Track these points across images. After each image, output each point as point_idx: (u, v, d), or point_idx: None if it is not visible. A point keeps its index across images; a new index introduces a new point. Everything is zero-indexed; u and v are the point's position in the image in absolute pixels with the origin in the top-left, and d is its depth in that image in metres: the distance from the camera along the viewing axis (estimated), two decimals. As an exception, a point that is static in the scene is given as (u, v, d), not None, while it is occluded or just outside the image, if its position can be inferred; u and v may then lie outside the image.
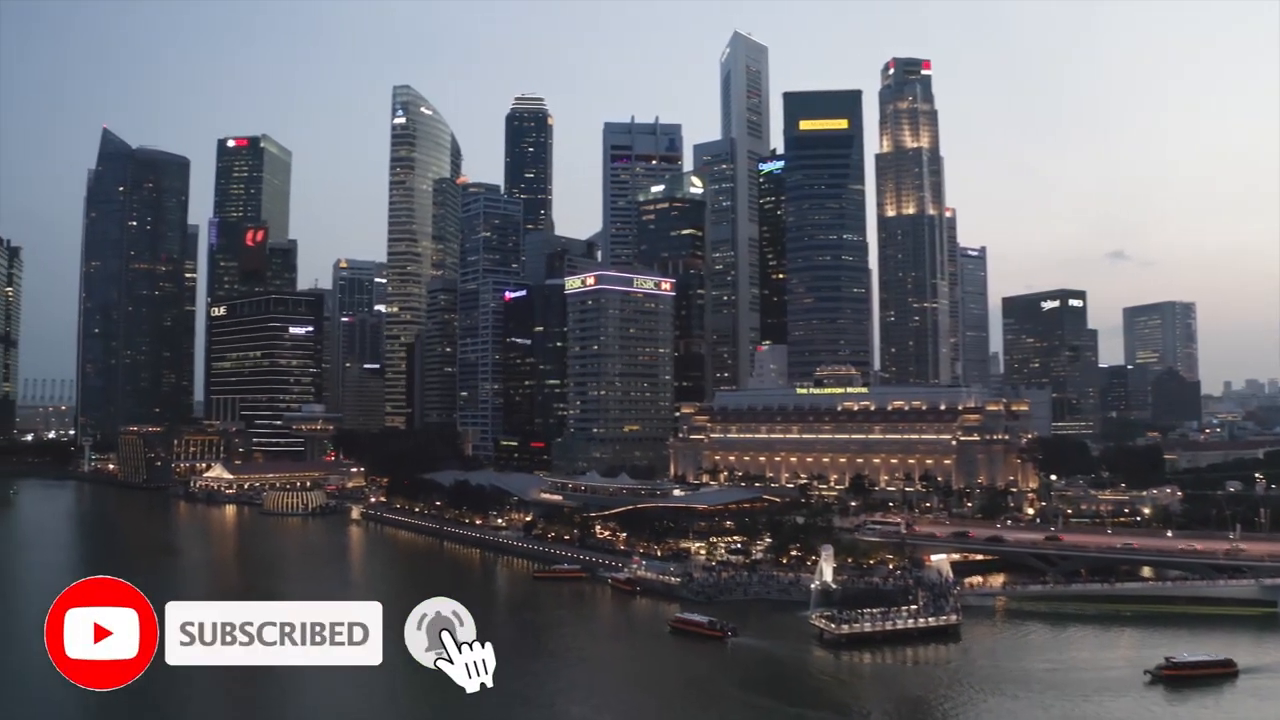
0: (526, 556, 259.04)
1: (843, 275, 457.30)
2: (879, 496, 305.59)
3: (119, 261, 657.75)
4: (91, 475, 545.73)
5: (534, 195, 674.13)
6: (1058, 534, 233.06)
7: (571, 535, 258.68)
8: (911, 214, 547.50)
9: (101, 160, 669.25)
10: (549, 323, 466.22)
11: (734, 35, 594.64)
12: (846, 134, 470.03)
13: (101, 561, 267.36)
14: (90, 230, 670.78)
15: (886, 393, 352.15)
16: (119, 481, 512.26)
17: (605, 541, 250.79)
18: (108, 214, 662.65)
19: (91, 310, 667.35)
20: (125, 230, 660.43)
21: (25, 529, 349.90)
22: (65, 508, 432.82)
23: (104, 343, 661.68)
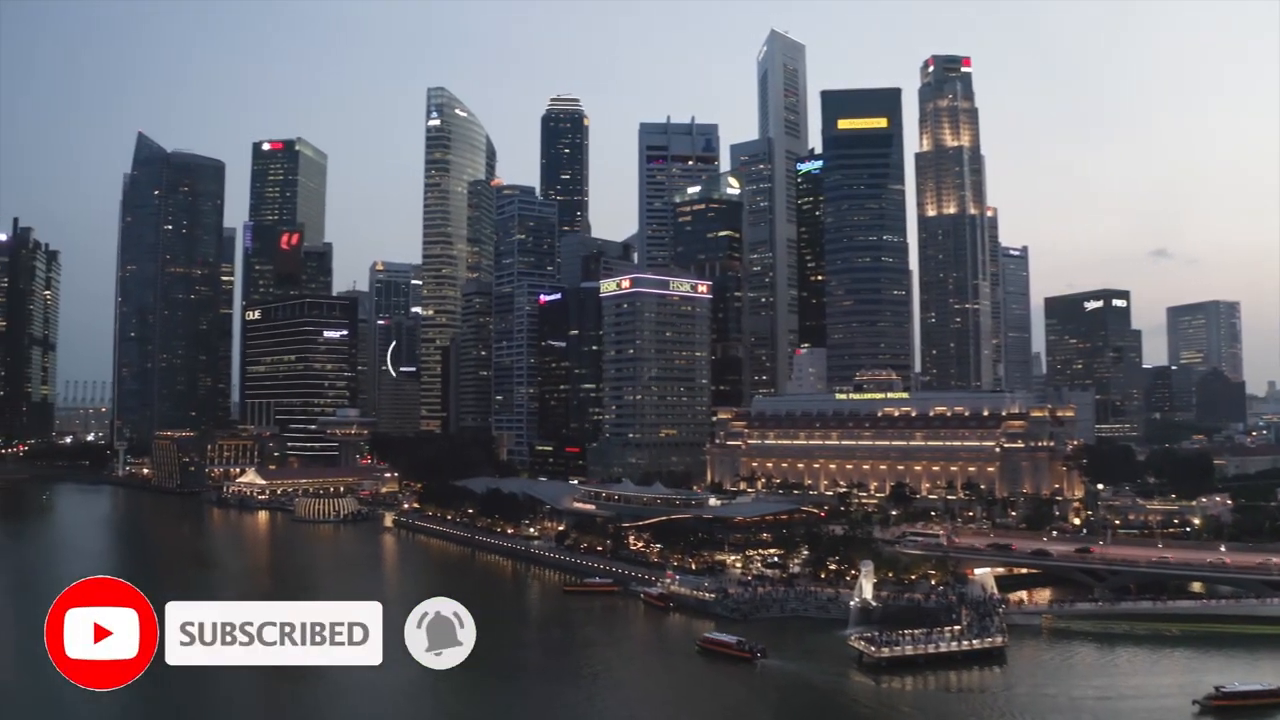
0: (558, 568, 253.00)
1: (883, 277, 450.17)
2: (920, 505, 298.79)
3: (154, 265, 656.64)
4: (126, 480, 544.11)
5: (570, 197, 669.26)
6: (1090, 546, 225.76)
7: (604, 546, 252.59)
8: (952, 214, 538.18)
9: (137, 164, 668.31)
10: (584, 326, 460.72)
11: (771, 33, 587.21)
12: (886, 133, 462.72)
13: (131, 573, 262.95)
14: (126, 234, 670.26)
15: (928, 398, 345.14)
16: (153, 486, 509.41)
17: (638, 553, 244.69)
18: (143, 218, 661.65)
19: (127, 314, 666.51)
20: (161, 234, 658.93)
21: (57, 536, 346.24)
22: (98, 514, 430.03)
23: (140, 346, 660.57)
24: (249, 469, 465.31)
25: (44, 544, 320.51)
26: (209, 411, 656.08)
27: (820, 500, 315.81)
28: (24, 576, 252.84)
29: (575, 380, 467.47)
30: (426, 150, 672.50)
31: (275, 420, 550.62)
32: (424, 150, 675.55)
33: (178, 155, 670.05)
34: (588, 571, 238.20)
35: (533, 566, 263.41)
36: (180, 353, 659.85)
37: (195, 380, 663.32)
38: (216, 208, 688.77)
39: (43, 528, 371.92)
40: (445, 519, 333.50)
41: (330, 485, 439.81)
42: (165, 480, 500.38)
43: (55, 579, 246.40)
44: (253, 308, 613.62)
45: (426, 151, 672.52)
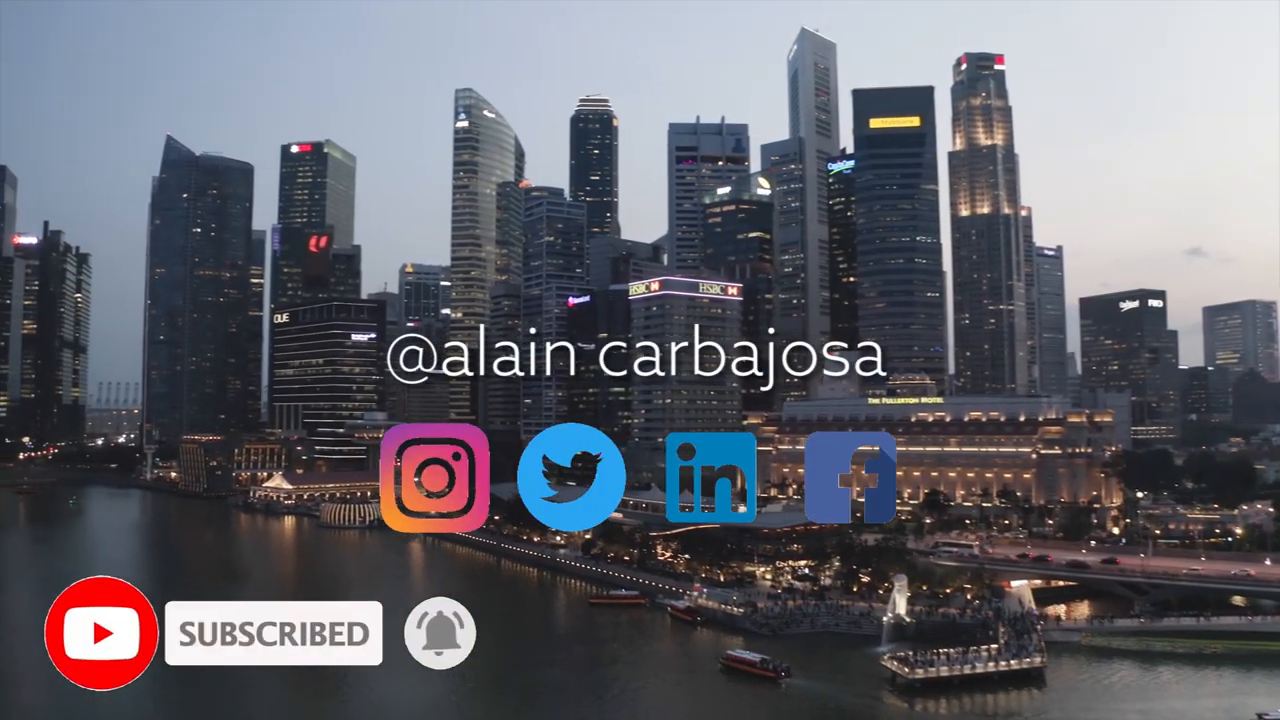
0: (584, 578, 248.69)
1: (916, 278, 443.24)
2: (955, 513, 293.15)
3: (183, 268, 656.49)
4: (154, 483, 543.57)
5: (599, 198, 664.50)
6: (1116, 557, 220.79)
7: (630, 556, 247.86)
8: (986, 213, 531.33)
9: (165, 167, 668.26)
10: (613, 328, 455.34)
11: (801, 32, 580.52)
12: (918, 132, 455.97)
13: (157, 583, 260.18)
14: (155, 237, 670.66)
15: (962, 403, 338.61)
16: (180, 490, 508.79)
17: (665, 564, 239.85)
18: (172, 221, 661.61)
19: (156, 317, 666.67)
20: (189, 237, 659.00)
21: (82, 542, 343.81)
22: (125, 519, 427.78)
23: (169, 349, 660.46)
24: (276, 473, 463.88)
25: (69, 550, 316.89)
26: (238, 414, 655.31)
27: (850, 506, 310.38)
28: (47, 584, 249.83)
29: (604, 383, 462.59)
30: (454, 152, 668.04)
31: (303, 424, 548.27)
32: (452, 152, 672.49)
33: (206, 158, 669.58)
34: (613, 582, 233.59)
35: (558, 576, 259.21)
36: (209, 356, 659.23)
37: (224, 383, 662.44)
38: (245, 210, 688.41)
39: (68, 533, 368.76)
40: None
41: (358, 489, 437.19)
42: (192, 484, 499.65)
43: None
44: (281, 310, 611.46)
45: (454, 153, 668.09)
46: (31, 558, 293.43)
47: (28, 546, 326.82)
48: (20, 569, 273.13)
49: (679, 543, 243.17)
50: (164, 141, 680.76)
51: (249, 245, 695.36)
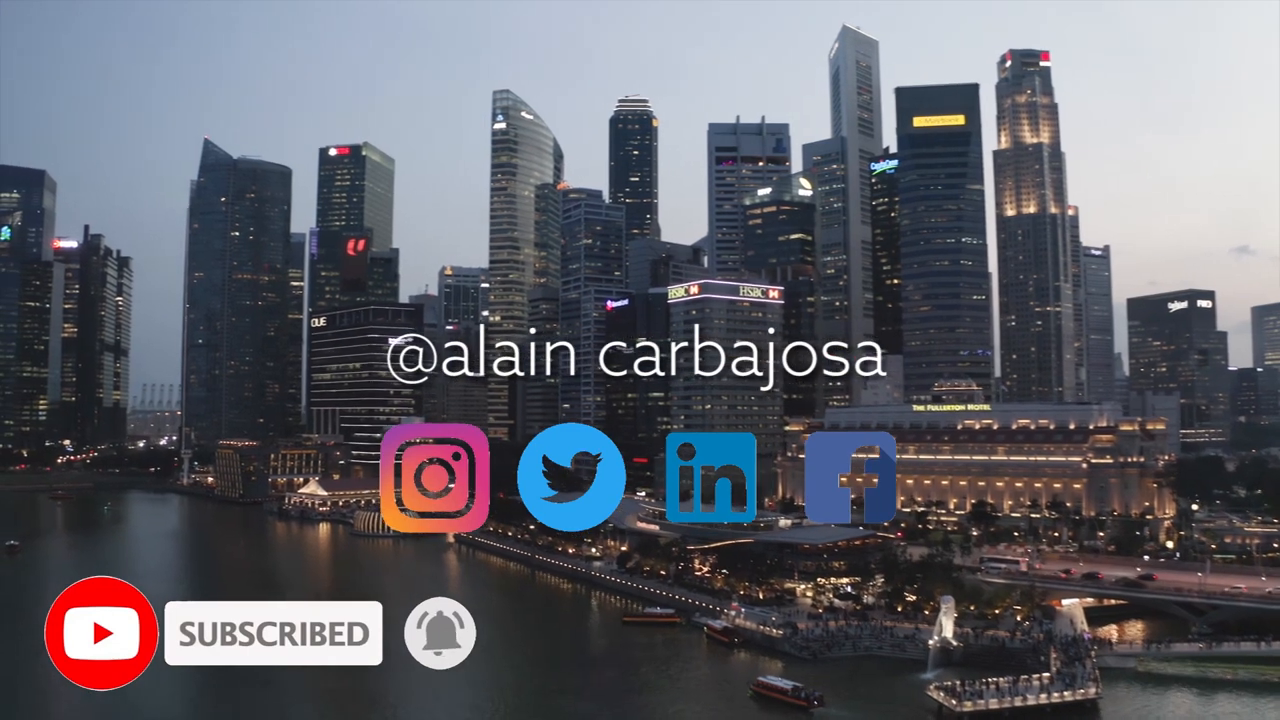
0: (619, 593, 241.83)
1: (961, 281, 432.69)
2: (1003, 524, 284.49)
3: (222, 272, 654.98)
4: (190, 488, 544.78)
5: (639, 199, 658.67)
6: (1153, 574, 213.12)
7: (667, 570, 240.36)
8: (1032, 213, 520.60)
9: (203, 171, 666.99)
10: (652, 332, 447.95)
11: (842, 29, 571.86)
12: (964, 131, 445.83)
13: (190, 596, 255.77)
14: (193, 241, 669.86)
15: (1010, 410, 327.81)
16: (216, 496, 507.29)
17: (703, 579, 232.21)
18: (210, 225, 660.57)
19: (195, 321, 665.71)
20: (228, 241, 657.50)
21: (115, 551, 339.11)
22: (160, 526, 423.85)
23: (208, 353, 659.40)
24: (312, 479, 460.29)
25: (101, 560, 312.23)
26: (277, 418, 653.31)
27: (897, 517, 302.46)
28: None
29: (643, 388, 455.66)
30: (492, 154, 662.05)
31: (340, 428, 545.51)
32: (489, 154, 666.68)
33: (244, 162, 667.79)
34: (649, 598, 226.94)
35: (593, 590, 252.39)
36: (248, 359, 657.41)
37: (263, 387, 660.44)
38: (283, 214, 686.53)
39: (101, 541, 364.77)
40: (506, 535, 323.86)
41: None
42: (228, 489, 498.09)
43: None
44: (318, 314, 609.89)
45: (492, 155, 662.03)
46: (59, 568, 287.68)
47: (61, 554, 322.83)
48: (50, 578, 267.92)
49: (716, 557, 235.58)
50: (202, 145, 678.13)
51: (287, 248, 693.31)
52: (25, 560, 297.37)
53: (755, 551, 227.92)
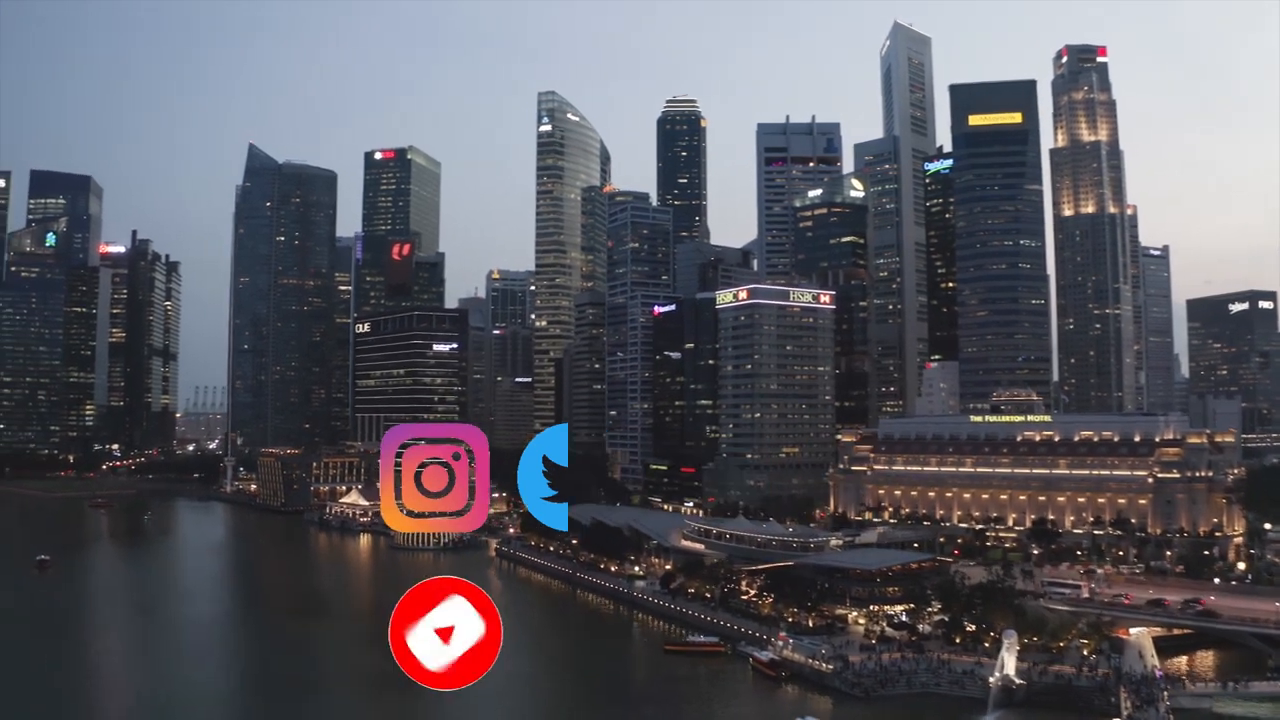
0: (661, 616, 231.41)
1: (1020, 285, 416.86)
2: (1065, 541, 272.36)
3: (267, 277, 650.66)
4: (234, 496, 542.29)
5: (688, 201, 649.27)
6: (1200, 599, 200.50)
7: (712, 593, 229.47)
8: (1091, 213, 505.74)
9: (248, 176, 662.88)
10: (700, 338, 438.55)
11: (894, 26, 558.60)
12: (1021, 129, 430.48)
13: (234, 619, 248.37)
14: (239, 246, 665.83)
15: (1072, 421, 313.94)
16: (258, 504, 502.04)
17: (749, 604, 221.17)
18: (255, 230, 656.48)
19: (241, 326, 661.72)
20: (273, 246, 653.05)
21: (155, 568, 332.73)
22: (200, 538, 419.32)
23: (254, 359, 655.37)
24: (354, 488, 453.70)
25: (136, 578, 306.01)
26: (323, 424, 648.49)
27: (953, 532, 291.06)
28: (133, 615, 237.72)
29: (691, 396, 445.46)
30: (538, 156, 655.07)
31: (384, 435, 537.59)
32: (535, 156, 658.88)
33: (289, 166, 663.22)
34: (692, 623, 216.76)
35: (634, 612, 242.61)
36: (293, 365, 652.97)
37: (308, 393, 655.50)
38: (329, 218, 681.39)
39: (138, 556, 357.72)
40: (548, 551, 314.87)
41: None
42: (270, 498, 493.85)
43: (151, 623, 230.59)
44: (363, 320, 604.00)
45: (538, 157, 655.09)
46: (90, 587, 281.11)
47: (94, 571, 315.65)
48: (80, 599, 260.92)
49: (764, 578, 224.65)
50: (246, 150, 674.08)
51: (333, 253, 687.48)
52: (55, 577, 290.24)
53: (804, 575, 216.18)
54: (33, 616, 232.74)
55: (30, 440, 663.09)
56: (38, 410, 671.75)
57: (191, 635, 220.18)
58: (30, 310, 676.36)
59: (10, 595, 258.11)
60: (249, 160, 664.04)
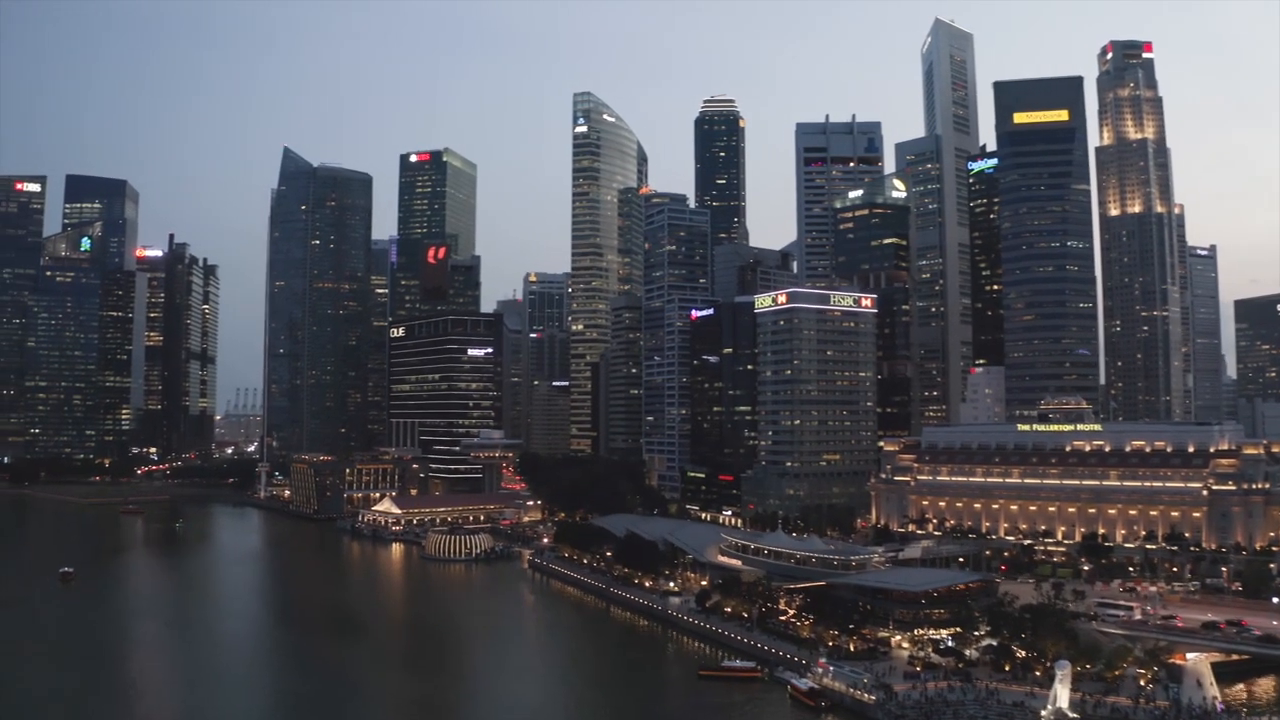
0: (696, 636, 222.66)
1: (1067, 288, 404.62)
2: (1116, 555, 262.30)
3: (303, 281, 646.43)
4: (268, 502, 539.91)
5: (726, 202, 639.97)
6: (1242, 619, 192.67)
7: (749, 613, 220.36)
8: (1137, 212, 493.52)
9: (283, 179, 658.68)
10: (739, 343, 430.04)
11: (935, 23, 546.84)
12: (1067, 127, 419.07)
13: (266, 637, 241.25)
14: (274, 250, 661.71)
15: (1123, 431, 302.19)
16: (291, 511, 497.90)
17: (788, 625, 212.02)
18: (290, 233, 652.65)
19: (276, 330, 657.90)
20: (308, 249, 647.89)
21: (182, 581, 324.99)
22: (232, 547, 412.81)
23: (289, 363, 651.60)
24: (387, 495, 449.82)
25: (162, 592, 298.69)
26: (359, 428, 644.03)
27: (1000, 546, 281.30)
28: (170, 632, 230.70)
29: (729, 402, 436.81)
30: (573, 158, 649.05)
31: (419, 441, 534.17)
32: (571, 158, 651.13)
33: (324, 169, 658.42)
34: (728, 644, 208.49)
35: (669, 631, 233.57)
36: (329, 369, 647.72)
37: (344, 397, 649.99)
38: (364, 221, 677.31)
39: (166, 568, 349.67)
40: (581, 563, 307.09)
41: (469, 513, 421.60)
42: (303, 504, 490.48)
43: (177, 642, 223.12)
44: (397, 325, 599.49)
45: (574, 159, 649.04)
46: (113, 601, 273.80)
47: (119, 584, 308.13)
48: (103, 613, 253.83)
49: (803, 598, 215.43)
50: (281, 154, 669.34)
51: (368, 256, 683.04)
52: (79, 589, 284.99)
53: (846, 596, 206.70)
54: (51, 634, 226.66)
55: (65, 445, 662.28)
56: (73, 415, 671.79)
57: (218, 656, 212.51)
58: (65, 315, 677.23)
59: (30, 610, 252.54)
60: (284, 164, 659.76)
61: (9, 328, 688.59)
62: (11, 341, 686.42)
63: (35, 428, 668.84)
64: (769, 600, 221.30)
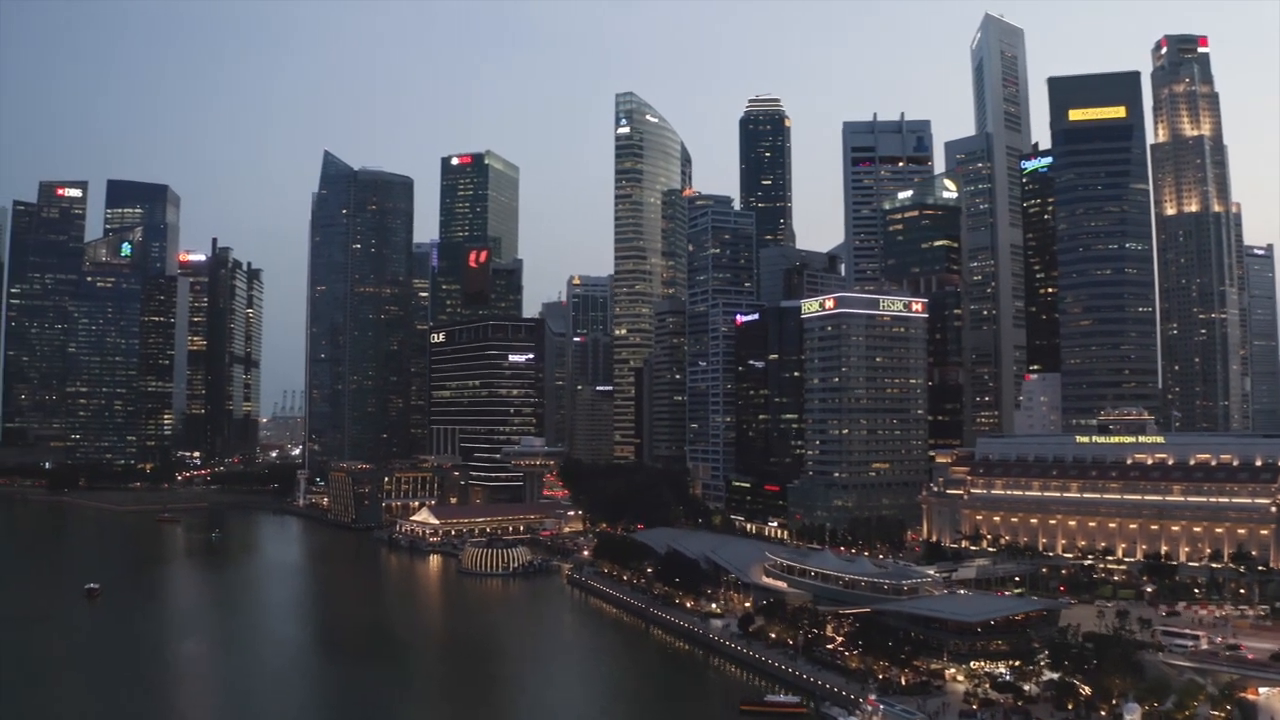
0: (738, 663, 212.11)
1: (1126, 292, 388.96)
2: (1181, 575, 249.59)
3: (344, 285, 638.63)
4: (306, 510, 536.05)
5: (772, 204, 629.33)
6: None
7: (794, 640, 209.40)
8: (1194, 212, 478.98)
9: (324, 183, 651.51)
10: (785, 349, 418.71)
11: (985, 18, 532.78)
12: (1125, 124, 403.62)
13: (308, 657, 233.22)
14: (315, 254, 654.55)
15: (1187, 443, 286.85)
16: (330, 520, 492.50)
17: (835, 654, 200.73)
18: (331, 237, 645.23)
19: (318, 335, 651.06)
20: (349, 254, 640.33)
21: (211, 598, 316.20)
22: (266, 560, 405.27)
23: (331, 368, 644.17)
24: (425, 505, 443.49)
25: (188, 612, 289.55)
26: (401, 434, 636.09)
27: (1058, 563, 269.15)
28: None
29: (775, 409, 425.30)
30: (616, 159, 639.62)
31: (460, 448, 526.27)
32: (614, 159, 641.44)
33: (365, 173, 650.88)
34: (772, 673, 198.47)
35: (710, 657, 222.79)
36: (370, 374, 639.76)
37: (386, 402, 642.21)
38: (406, 225, 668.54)
39: (197, 583, 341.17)
40: (621, 580, 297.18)
41: (507, 524, 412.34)
42: (341, 513, 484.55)
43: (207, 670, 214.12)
44: (438, 330, 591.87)
45: (616, 161, 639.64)
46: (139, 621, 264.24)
47: (146, 602, 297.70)
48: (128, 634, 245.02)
49: (852, 624, 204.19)
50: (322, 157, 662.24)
51: (410, 260, 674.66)
52: (104, 607, 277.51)
53: (897, 625, 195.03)
54: (66, 658, 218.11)
55: (106, 450, 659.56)
56: (114, 420, 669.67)
57: (244, 683, 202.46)
58: (106, 320, 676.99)
59: (48, 631, 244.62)
60: (324, 168, 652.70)
61: (51, 333, 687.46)
62: (53, 347, 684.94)
63: (76, 433, 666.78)
64: (815, 626, 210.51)
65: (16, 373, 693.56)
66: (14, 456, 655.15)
